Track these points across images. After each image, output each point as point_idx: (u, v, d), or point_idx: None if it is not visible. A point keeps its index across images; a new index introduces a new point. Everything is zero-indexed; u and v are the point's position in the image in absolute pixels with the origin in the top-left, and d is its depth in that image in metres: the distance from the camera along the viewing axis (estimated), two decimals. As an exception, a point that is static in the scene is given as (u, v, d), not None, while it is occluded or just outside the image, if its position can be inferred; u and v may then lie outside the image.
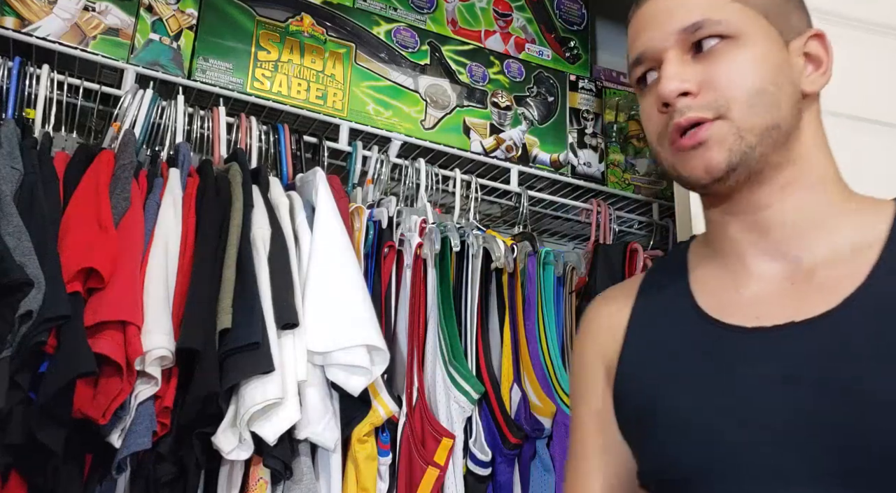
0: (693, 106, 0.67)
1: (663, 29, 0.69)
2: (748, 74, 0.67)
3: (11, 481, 1.06)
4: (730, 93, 0.66)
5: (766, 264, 0.70)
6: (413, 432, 1.36)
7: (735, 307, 0.69)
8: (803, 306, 0.65)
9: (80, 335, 1.04)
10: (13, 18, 1.42)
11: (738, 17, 0.68)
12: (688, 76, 0.67)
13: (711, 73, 0.67)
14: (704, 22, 0.68)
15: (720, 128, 0.66)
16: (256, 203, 1.32)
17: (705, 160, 0.66)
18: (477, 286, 1.53)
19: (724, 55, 0.67)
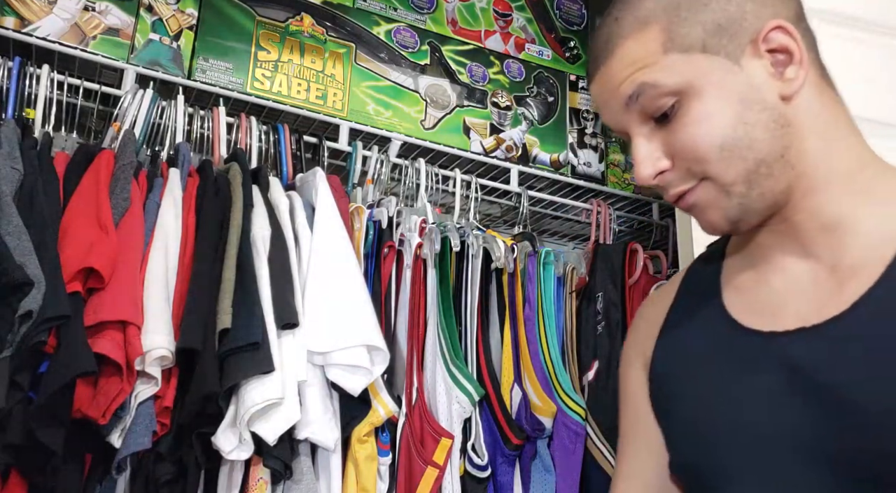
0: (673, 181, 0.65)
1: (612, 109, 0.68)
2: (709, 131, 0.63)
3: (11, 481, 1.06)
4: (699, 158, 0.63)
5: (794, 261, 0.67)
6: (412, 432, 1.36)
7: (757, 306, 0.68)
8: (818, 307, 0.63)
9: (80, 335, 1.04)
10: (13, 18, 1.43)
11: (675, 70, 0.64)
12: (657, 153, 0.65)
13: (675, 144, 0.64)
14: (641, 88, 0.64)
15: (706, 191, 0.64)
16: (256, 203, 1.32)
17: (705, 222, 0.66)
18: (477, 286, 1.53)
19: (679, 120, 0.64)
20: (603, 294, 1.67)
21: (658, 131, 0.65)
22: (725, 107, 0.63)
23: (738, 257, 0.74)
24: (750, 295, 0.69)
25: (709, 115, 0.63)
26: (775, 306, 0.66)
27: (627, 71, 0.65)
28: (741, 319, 0.68)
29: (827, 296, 0.63)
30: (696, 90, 0.63)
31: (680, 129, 0.64)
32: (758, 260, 0.71)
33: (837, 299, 0.62)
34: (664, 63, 0.64)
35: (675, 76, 0.63)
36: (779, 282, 0.68)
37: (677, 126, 0.64)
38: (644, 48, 0.64)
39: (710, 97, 0.63)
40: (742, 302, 0.70)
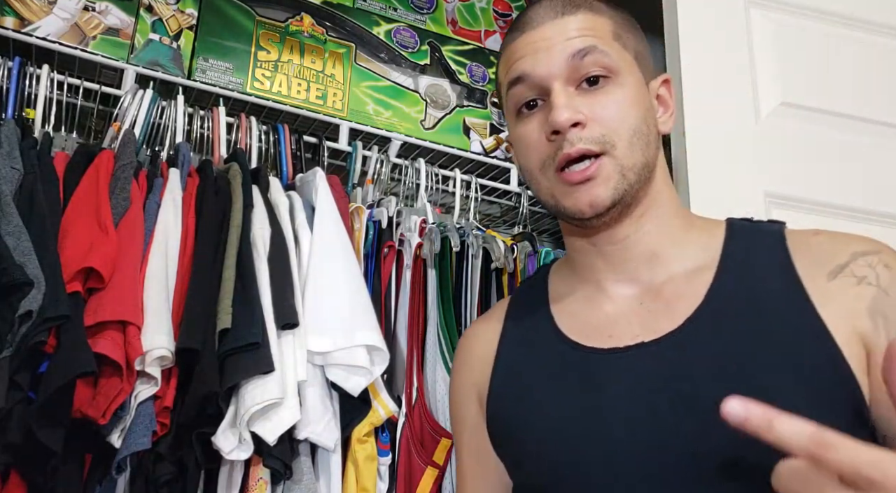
0: (583, 138, 0.69)
1: (552, 55, 0.72)
2: (628, 114, 0.71)
3: (11, 481, 1.06)
4: (615, 130, 0.70)
5: (621, 287, 0.75)
6: (412, 432, 1.36)
7: (592, 329, 0.74)
8: (652, 326, 0.70)
9: (79, 335, 1.04)
10: (13, 18, 1.43)
11: (618, 55, 0.72)
12: (578, 108, 0.70)
13: (597, 109, 0.70)
14: (593, 48, 0.71)
15: (606, 165, 0.70)
16: (256, 203, 1.32)
17: (591, 196, 0.70)
18: (477, 286, 1.53)
19: (608, 92, 0.71)
20: (603, 294, 1.67)
21: (580, 95, 0.71)
22: (641, 105, 0.73)
23: (565, 286, 0.81)
24: (583, 319, 0.76)
25: (631, 103, 0.72)
26: (609, 327, 0.73)
27: (585, 30, 0.72)
28: (579, 339, 0.74)
29: (658, 315, 0.71)
30: (625, 80, 0.72)
31: (607, 100, 0.71)
32: (585, 284, 0.78)
33: (669, 318, 0.70)
34: (612, 45, 0.73)
35: (617, 59, 0.72)
36: (609, 307, 0.75)
37: (604, 98, 0.71)
38: (600, 25, 0.74)
39: (633, 89, 0.73)
40: (576, 326, 0.76)
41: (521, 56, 0.74)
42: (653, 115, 0.75)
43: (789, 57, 1.24)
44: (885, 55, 1.28)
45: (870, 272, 0.67)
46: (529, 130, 0.74)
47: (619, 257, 0.75)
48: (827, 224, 1.09)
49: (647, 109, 0.73)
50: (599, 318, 0.75)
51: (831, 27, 1.27)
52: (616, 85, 0.71)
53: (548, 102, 0.72)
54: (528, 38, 0.74)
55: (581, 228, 0.76)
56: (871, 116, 1.23)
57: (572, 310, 0.78)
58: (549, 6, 0.75)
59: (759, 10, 1.25)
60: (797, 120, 1.21)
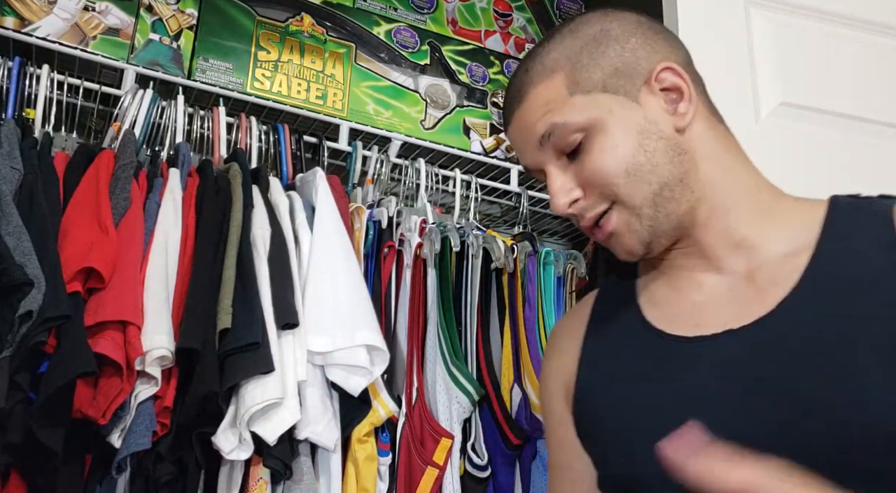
0: (587, 207, 0.71)
1: (528, 149, 0.74)
2: (614, 160, 0.69)
3: (11, 481, 1.06)
4: (606, 183, 0.69)
5: (710, 276, 0.73)
6: (412, 432, 1.36)
7: (679, 317, 0.72)
8: (740, 313, 0.67)
9: (80, 335, 1.04)
10: (13, 18, 1.43)
11: (580, 110, 0.70)
12: (570, 184, 0.71)
13: (584, 174, 0.70)
14: (552, 127, 0.71)
15: (619, 216, 0.70)
16: (256, 203, 1.32)
17: (622, 248, 0.71)
18: (477, 286, 1.53)
19: (587, 153, 0.70)
20: (603, 294, 1.67)
21: (570, 166, 0.72)
22: (627, 137, 0.70)
23: (652, 276, 0.79)
24: (670, 308, 0.74)
25: (613, 145, 0.69)
26: (697, 316, 0.71)
27: (539, 113, 0.72)
28: (665, 328, 0.72)
29: (749, 301, 0.68)
30: (601, 125, 0.70)
31: (588, 159, 0.70)
32: (674, 278, 0.76)
33: (760, 303, 0.67)
34: (570, 103, 0.71)
35: (581, 114, 0.70)
36: (697, 296, 0.72)
37: (586, 158, 0.70)
38: (552, 92, 0.72)
39: (613, 130, 0.70)
40: (663, 315, 0.74)
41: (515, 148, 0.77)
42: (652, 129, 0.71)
43: (789, 57, 1.24)
44: (885, 55, 1.28)
45: None
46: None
47: (699, 253, 0.73)
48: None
49: (638, 132, 0.70)
50: (686, 306, 0.72)
51: (831, 27, 1.27)
52: (593, 138, 0.70)
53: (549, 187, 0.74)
54: (510, 133, 0.77)
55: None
56: (871, 116, 1.23)
57: (659, 299, 0.76)
58: (508, 100, 0.77)
59: (759, 10, 1.25)
60: (797, 120, 1.21)
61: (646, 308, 0.76)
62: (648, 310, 0.76)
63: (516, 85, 0.75)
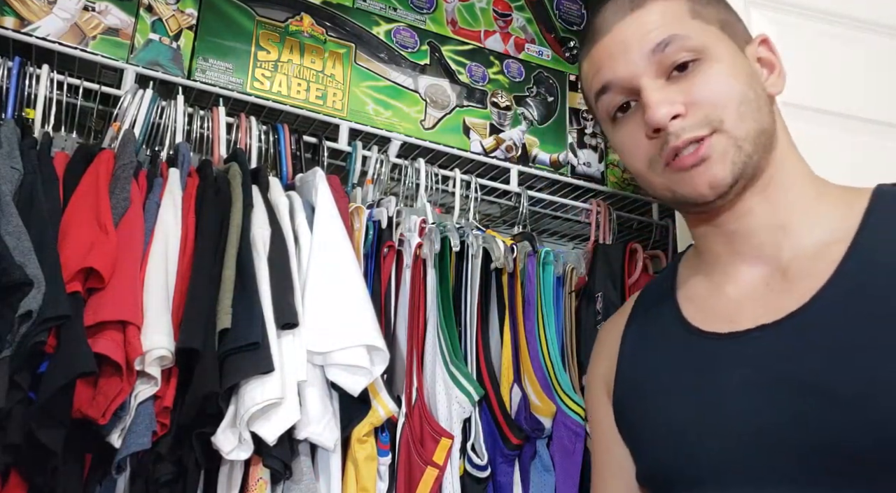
0: (686, 127, 0.67)
1: (631, 56, 0.70)
2: (729, 86, 0.68)
3: (11, 481, 1.06)
4: (718, 106, 0.67)
5: (746, 268, 0.71)
6: (412, 432, 1.36)
7: (714, 314, 0.71)
8: (775, 307, 0.66)
9: (79, 335, 1.04)
10: (13, 18, 1.42)
11: (701, 33, 0.70)
12: (673, 99, 0.68)
13: (694, 93, 0.68)
14: (672, 37, 0.69)
15: (719, 142, 0.67)
16: (256, 203, 1.32)
17: (709, 177, 0.67)
18: (477, 286, 1.53)
19: (699, 73, 0.68)
20: (602, 294, 1.67)
21: (672, 84, 0.69)
22: (740, 73, 0.69)
23: (691, 270, 0.78)
24: (705, 303, 0.73)
25: (728, 75, 0.69)
26: (732, 311, 0.70)
27: (657, 22, 0.70)
28: (700, 325, 0.72)
29: (782, 296, 0.66)
30: (716, 55, 0.69)
31: (702, 80, 0.68)
32: (711, 270, 0.75)
33: (793, 297, 0.65)
34: (691, 25, 0.70)
35: (701, 37, 0.69)
36: (732, 290, 0.71)
37: (698, 79, 0.68)
38: (675, 8, 0.71)
39: (728, 62, 0.69)
40: (699, 311, 0.73)
41: (600, 66, 0.72)
42: (758, 79, 0.71)
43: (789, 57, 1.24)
44: (886, 55, 1.28)
45: None
46: (628, 133, 0.72)
47: (743, 232, 0.71)
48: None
49: (748, 75, 0.70)
50: (722, 302, 0.71)
51: (831, 27, 1.27)
52: (708, 63, 0.68)
53: (641, 102, 0.69)
54: (602, 46, 0.72)
55: (704, 212, 0.72)
56: (871, 116, 1.24)
57: (696, 296, 0.75)
58: (616, 6, 0.73)
59: (759, 10, 1.25)
60: (797, 120, 1.20)
61: (683, 304, 0.75)
62: (686, 306, 0.75)
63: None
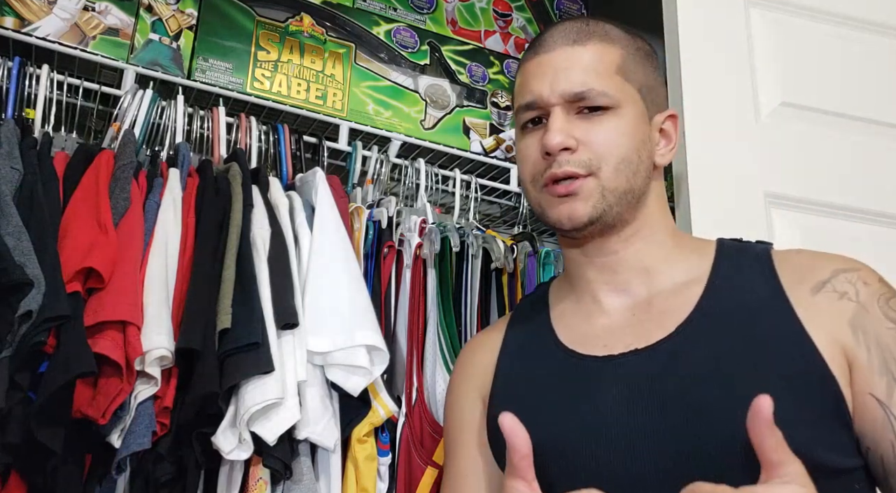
0: (571, 161, 0.76)
1: (553, 87, 0.78)
2: (619, 143, 0.76)
3: (11, 481, 1.06)
4: (602, 156, 0.76)
5: (614, 298, 0.80)
6: (412, 432, 1.36)
7: (588, 338, 0.79)
8: (644, 334, 0.75)
9: (79, 335, 1.04)
10: (13, 18, 1.42)
11: (618, 90, 0.78)
12: (571, 133, 0.76)
13: (589, 136, 0.76)
14: (589, 92, 0.76)
15: (589, 184, 0.76)
16: (256, 203, 1.32)
17: (571, 210, 0.77)
18: (477, 286, 1.53)
19: (601, 122, 0.77)
20: (603, 294, 1.67)
21: (577, 120, 0.77)
22: (635, 137, 0.78)
23: (562, 294, 0.86)
24: (579, 329, 0.81)
25: (623, 133, 0.77)
26: (605, 338, 0.78)
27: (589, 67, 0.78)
28: (576, 347, 0.79)
29: (649, 325, 0.76)
30: (622, 113, 0.78)
31: (600, 129, 0.77)
32: (581, 296, 0.83)
33: (659, 327, 0.75)
34: (613, 80, 0.78)
35: (617, 94, 0.78)
36: (603, 319, 0.80)
37: (598, 127, 0.77)
38: (607, 58, 0.79)
39: (629, 122, 0.78)
40: (574, 336, 0.81)
41: (531, 79, 0.80)
42: (648, 147, 0.80)
43: (789, 57, 1.24)
44: (886, 55, 1.28)
45: (850, 288, 0.72)
46: (528, 145, 0.81)
47: (610, 268, 0.81)
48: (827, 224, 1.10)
49: (641, 140, 0.79)
50: (595, 329, 0.80)
51: (831, 27, 1.27)
52: (613, 116, 0.77)
53: (545, 125, 0.78)
54: (540, 62, 0.81)
55: (571, 239, 0.81)
56: (871, 116, 1.23)
57: (570, 321, 0.83)
58: (565, 32, 0.81)
59: (759, 10, 1.25)
60: (797, 120, 1.21)
61: (558, 328, 0.83)
62: (560, 330, 0.83)
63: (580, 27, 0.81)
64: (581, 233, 0.78)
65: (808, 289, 0.73)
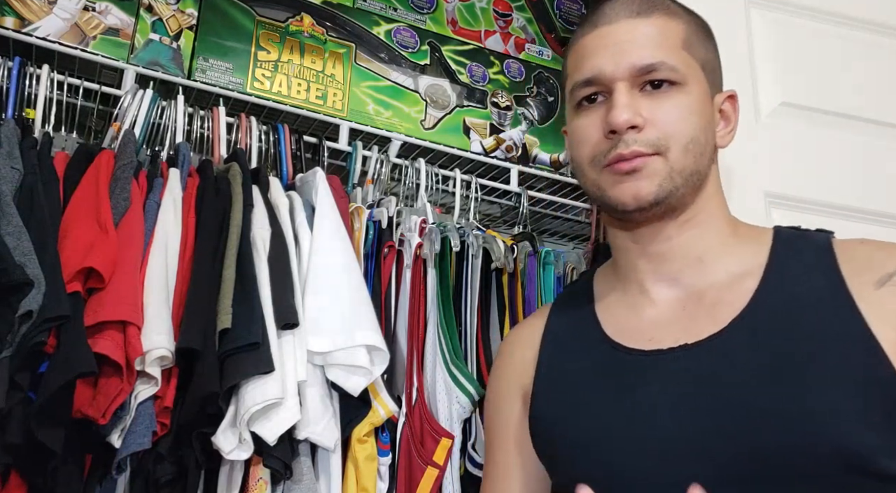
0: (639, 140, 0.71)
1: (617, 60, 0.73)
2: (687, 122, 0.72)
3: (11, 481, 1.06)
4: (671, 134, 0.72)
5: (664, 290, 0.76)
6: (412, 432, 1.36)
7: (635, 331, 0.75)
8: (694, 329, 0.71)
9: (80, 335, 1.04)
10: (13, 18, 1.42)
11: (686, 66, 0.74)
12: (638, 110, 0.72)
13: (657, 113, 0.72)
14: (659, 65, 0.72)
15: (656, 163, 0.71)
16: (256, 203, 1.32)
17: (636, 189, 0.72)
18: (477, 286, 1.53)
19: (669, 98, 0.73)
20: (603, 294, 1.67)
21: (643, 98, 0.73)
22: (702, 115, 0.74)
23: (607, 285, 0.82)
24: (626, 322, 0.77)
25: (692, 111, 0.73)
26: (651, 330, 0.74)
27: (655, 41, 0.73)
28: (621, 340, 0.75)
29: (700, 319, 0.72)
30: (690, 88, 0.73)
31: (668, 106, 0.72)
32: (627, 286, 0.79)
33: (711, 321, 0.71)
34: (680, 55, 0.74)
35: (685, 69, 0.73)
36: (651, 311, 0.76)
37: (666, 103, 0.72)
38: (672, 31, 0.74)
39: (696, 99, 0.74)
40: (619, 328, 0.77)
41: (591, 53, 0.75)
42: (712, 127, 0.76)
43: (789, 57, 1.24)
44: (886, 55, 1.28)
45: None
46: (587, 124, 0.75)
47: (662, 257, 0.76)
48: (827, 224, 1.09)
49: (707, 120, 0.75)
50: (642, 321, 0.76)
51: (831, 27, 1.27)
52: (680, 92, 0.73)
53: (609, 100, 0.73)
54: (600, 34, 0.75)
55: (624, 221, 0.77)
56: (871, 116, 1.23)
57: (615, 312, 0.79)
58: (627, 3, 0.76)
59: (759, 10, 1.25)
60: (797, 120, 1.21)
61: (603, 319, 0.79)
62: (606, 322, 0.79)
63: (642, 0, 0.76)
64: (644, 215, 0.73)
65: (871, 282, 0.68)
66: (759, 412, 0.63)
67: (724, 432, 0.64)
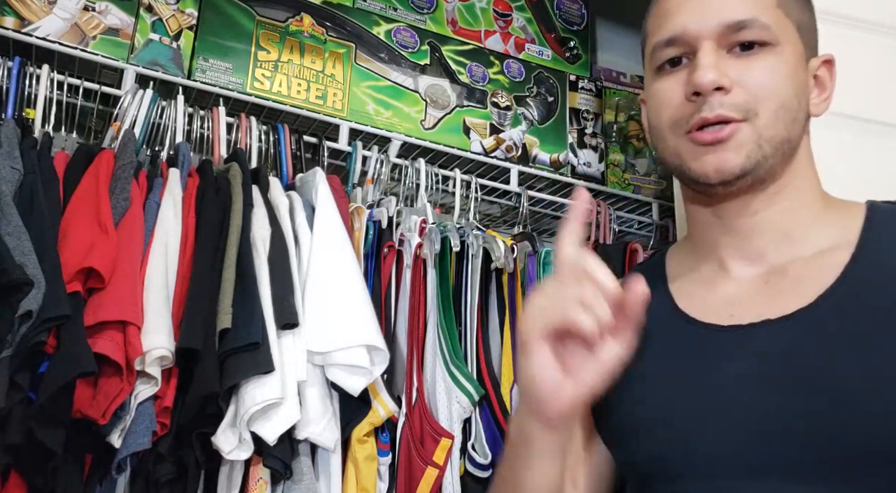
0: (725, 103, 0.66)
1: (704, 17, 0.68)
2: (779, 85, 0.67)
3: (11, 481, 1.06)
4: (761, 98, 0.66)
5: (745, 267, 0.71)
6: (412, 432, 1.36)
7: (712, 308, 0.71)
8: (777, 303, 0.66)
9: (79, 335, 1.04)
10: (13, 18, 1.42)
11: (779, 25, 0.68)
12: (725, 71, 0.66)
13: (745, 75, 0.67)
14: (751, 22, 0.67)
15: (744, 131, 0.66)
16: (256, 203, 1.32)
17: (721, 161, 0.67)
18: (477, 286, 1.53)
19: (760, 59, 0.67)
20: (603, 294, 1.67)
21: (730, 58, 0.68)
22: (795, 79, 0.68)
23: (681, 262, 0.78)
24: (703, 298, 0.73)
25: (785, 74, 0.68)
26: (731, 307, 0.70)
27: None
28: (698, 316, 0.71)
29: (784, 294, 0.67)
30: (782, 51, 0.68)
31: (759, 67, 0.67)
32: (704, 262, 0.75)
33: (797, 296, 0.66)
34: (774, 13, 0.68)
35: (778, 28, 0.68)
36: (730, 287, 0.71)
37: (756, 64, 0.67)
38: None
39: (790, 62, 0.68)
40: (696, 305, 0.73)
41: (675, 10, 0.70)
42: (806, 92, 0.71)
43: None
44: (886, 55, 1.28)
45: None
46: (668, 87, 0.70)
47: (746, 233, 0.71)
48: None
49: (801, 84, 0.69)
50: (720, 297, 0.71)
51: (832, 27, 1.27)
52: (772, 53, 0.68)
53: (693, 61, 0.68)
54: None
55: (705, 195, 0.72)
56: (872, 116, 1.23)
57: (691, 289, 0.74)
58: None
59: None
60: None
61: (677, 295, 0.75)
62: (680, 297, 0.74)
63: None
64: (729, 188, 0.68)
65: None
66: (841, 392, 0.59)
67: (807, 415, 0.60)
